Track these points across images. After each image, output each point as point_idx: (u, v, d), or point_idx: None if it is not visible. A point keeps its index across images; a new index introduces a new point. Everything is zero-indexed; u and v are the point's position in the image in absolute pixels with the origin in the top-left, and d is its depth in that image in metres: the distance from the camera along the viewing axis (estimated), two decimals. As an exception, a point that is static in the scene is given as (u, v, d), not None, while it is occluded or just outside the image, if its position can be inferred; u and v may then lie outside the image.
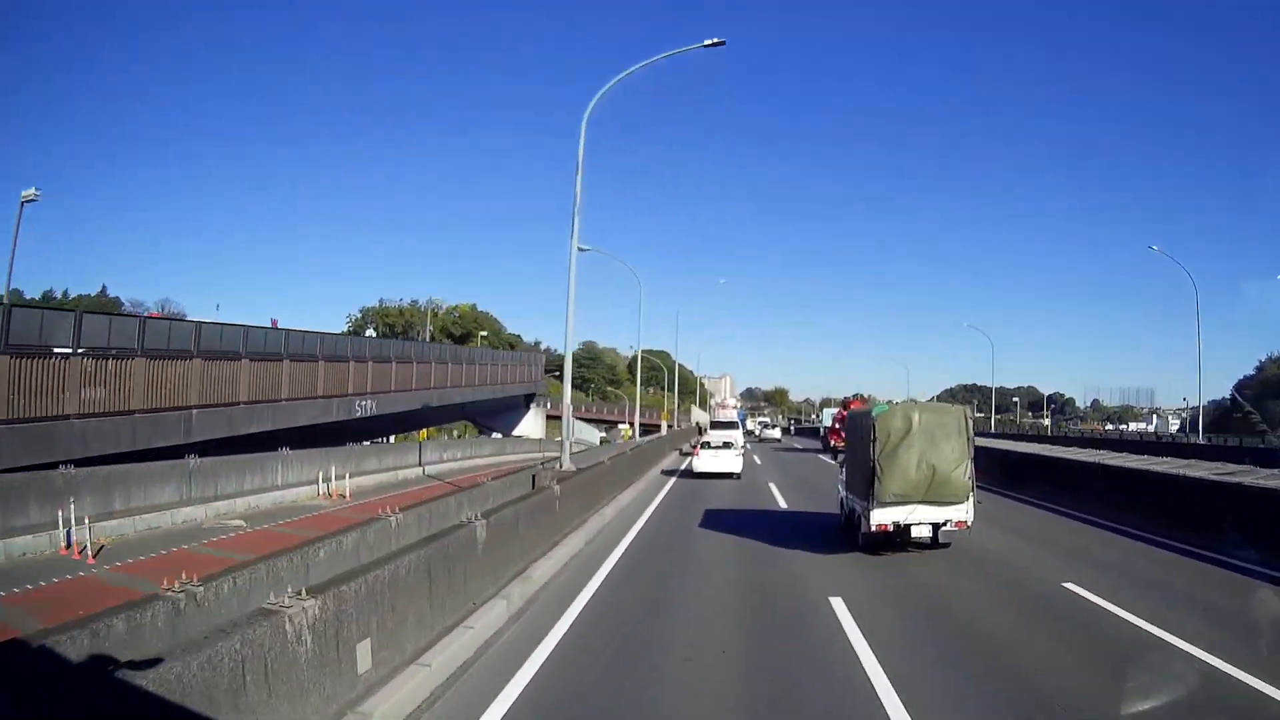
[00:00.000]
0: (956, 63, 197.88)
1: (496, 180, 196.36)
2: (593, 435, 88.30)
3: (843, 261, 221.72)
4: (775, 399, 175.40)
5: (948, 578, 11.70)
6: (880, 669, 7.38)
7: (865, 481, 12.42)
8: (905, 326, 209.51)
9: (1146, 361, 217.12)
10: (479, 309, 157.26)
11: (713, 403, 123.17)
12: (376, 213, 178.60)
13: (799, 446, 56.47)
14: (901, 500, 12.02)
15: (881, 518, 12.20)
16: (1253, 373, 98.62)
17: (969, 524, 12.34)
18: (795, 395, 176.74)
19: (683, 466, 33.01)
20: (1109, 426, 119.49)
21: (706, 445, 30.51)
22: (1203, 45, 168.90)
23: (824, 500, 19.64)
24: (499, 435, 57.07)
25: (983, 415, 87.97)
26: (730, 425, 44.01)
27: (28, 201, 30.33)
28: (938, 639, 8.66)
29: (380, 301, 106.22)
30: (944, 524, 12.31)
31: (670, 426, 74.25)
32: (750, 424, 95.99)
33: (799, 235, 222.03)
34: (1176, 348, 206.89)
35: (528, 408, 56.50)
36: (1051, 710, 6.51)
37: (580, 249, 41.69)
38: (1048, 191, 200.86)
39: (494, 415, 57.00)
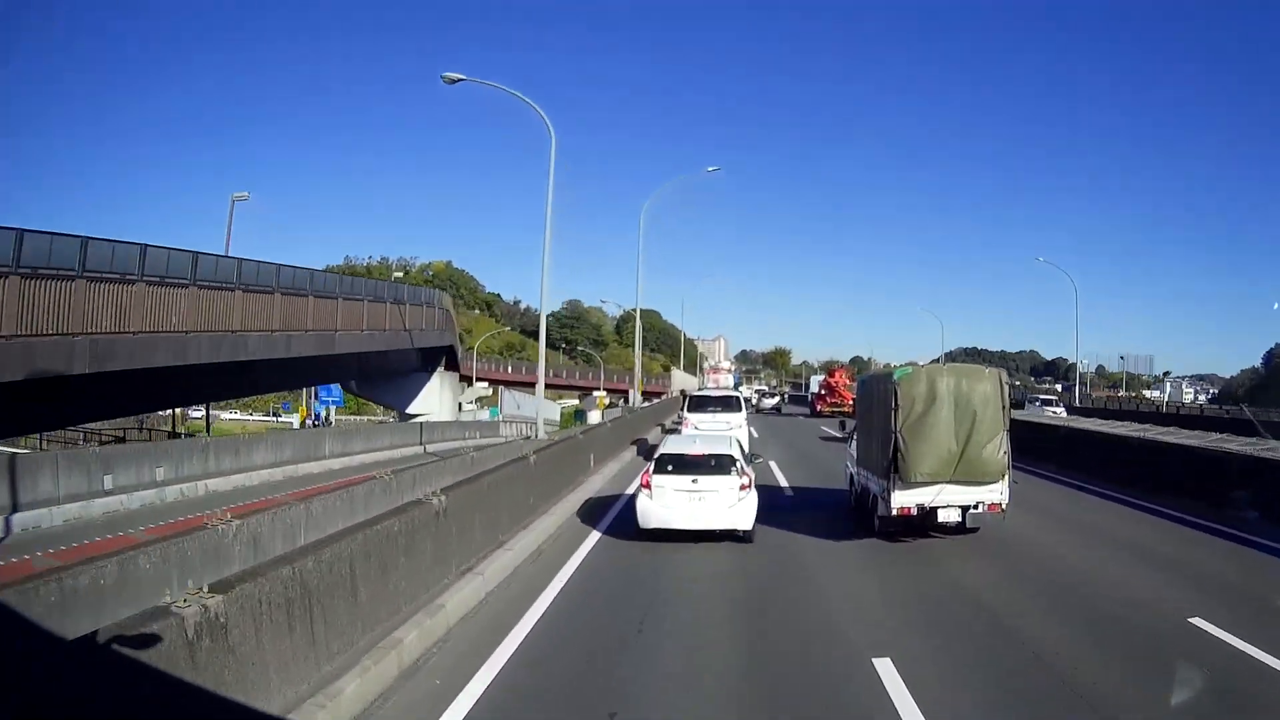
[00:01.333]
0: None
1: (471, 133, 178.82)
2: (550, 411, 69.90)
3: (840, 216, 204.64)
4: (776, 361, 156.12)
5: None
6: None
7: (885, 457, 10.61)
8: (907, 285, 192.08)
9: (1142, 326, 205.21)
10: (455, 267, 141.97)
11: (705, 366, 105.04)
12: (350, 167, 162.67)
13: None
14: (930, 480, 10.31)
15: (904, 500, 10.52)
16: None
17: (1004, 507, 10.72)
18: (794, 359, 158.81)
19: (629, 490, 14.64)
20: (1121, 394, 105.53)
21: (670, 466, 11.88)
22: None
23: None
24: (391, 416, 38.53)
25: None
26: (724, 404, 23.70)
27: None
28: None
29: (346, 259, 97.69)
30: (974, 506, 10.61)
31: (646, 398, 54.70)
32: (746, 390, 79.65)
33: (795, 198, 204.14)
34: (1176, 314, 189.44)
35: (429, 372, 37.31)
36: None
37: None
38: (1054, 152, 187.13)
39: (375, 383, 37.92)
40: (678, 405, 38.48)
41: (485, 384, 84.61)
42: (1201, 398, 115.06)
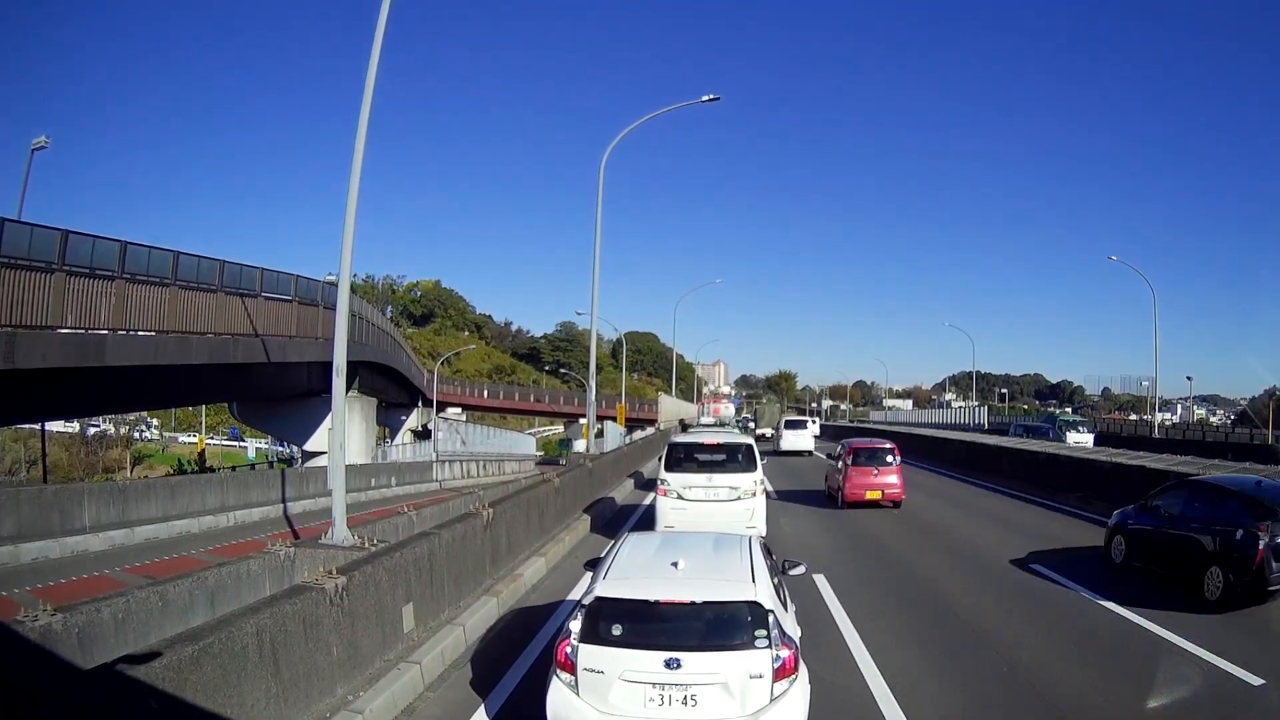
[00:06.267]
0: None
1: (461, 148, 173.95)
2: (522, 444, 62.67)
3: (843, 237, 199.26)
4: (780, 386, 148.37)
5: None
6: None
7: (754, 424, 62.88)
8: (916, 306, 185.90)
9: (1141, 348, 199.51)
10: (444, 286, 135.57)
11: (704, 392, 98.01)
12: (338, 183, 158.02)
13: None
14: (764, 427, 59.35)
15: (759, 432, 54.05)
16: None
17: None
18: (799, 383, 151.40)
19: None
20: (1132, 417, 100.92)
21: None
22: None
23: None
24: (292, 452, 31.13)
25: (977, 403, 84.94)
26: (726, 454, 14.13)
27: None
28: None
29: (328, 275, 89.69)
30: (768, 434, 52.54)
31: (630, 429, 47.16)
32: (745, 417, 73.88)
33: (799, 217, 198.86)
34: (1178, 335, 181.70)
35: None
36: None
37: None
38: (1055, 172, 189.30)
39: (260, 409, 31.11)
40: (681, 430, 28.92)
41: (458, 409, 77.90)
42: (1214, 418, 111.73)
